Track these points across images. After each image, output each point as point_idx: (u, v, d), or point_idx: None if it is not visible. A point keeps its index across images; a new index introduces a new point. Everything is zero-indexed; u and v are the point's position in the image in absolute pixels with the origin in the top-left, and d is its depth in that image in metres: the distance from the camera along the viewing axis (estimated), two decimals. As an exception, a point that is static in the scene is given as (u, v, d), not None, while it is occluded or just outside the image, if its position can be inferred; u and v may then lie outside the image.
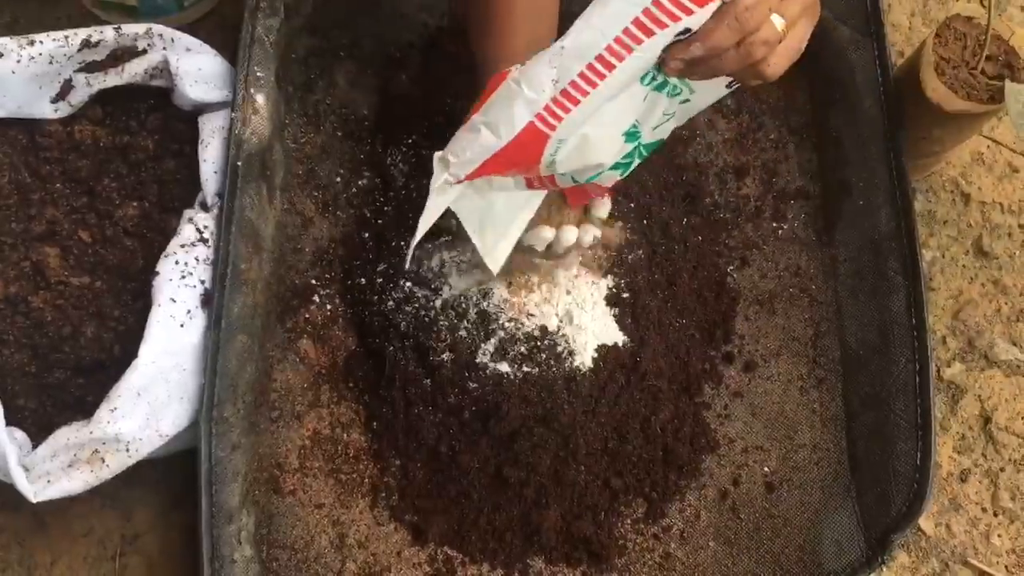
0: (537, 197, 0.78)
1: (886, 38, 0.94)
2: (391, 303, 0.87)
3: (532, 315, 0.83)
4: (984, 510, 0.92)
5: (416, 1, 1.02)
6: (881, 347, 0.90)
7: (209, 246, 0.80)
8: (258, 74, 0.86)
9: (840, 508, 0.88)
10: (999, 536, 0.91)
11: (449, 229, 0.87)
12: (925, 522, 0.92)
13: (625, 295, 0.87)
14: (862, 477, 0.88)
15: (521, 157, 0.65)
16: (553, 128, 0.62)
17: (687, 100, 0.67)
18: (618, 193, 0.89)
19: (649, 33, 0.57)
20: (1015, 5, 1.16)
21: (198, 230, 0.81)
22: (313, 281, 0.91)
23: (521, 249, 0.82)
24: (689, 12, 0.56)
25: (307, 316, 0.90)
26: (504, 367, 0.82)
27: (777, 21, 0.57)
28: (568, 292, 0.84)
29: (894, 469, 0.84)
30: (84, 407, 0.77)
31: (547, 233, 0.82)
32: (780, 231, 0.99)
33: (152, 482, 0.86)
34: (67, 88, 0.83)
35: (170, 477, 0.86)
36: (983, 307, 1.00)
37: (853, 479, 0.89)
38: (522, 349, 0.83)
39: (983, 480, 0.94)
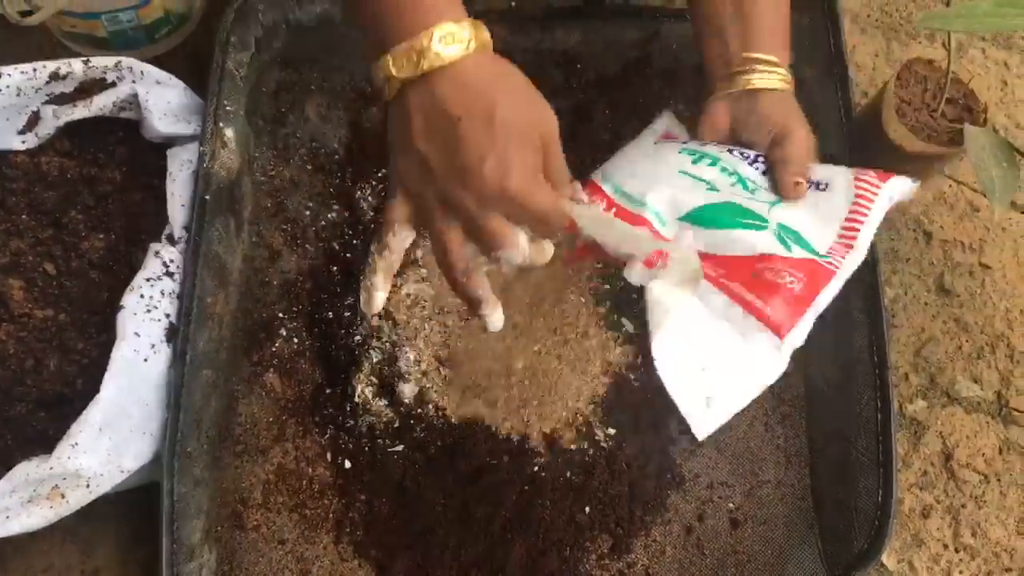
0: None
1: (849, 79, 0.95)
2: (358, 337, 0.87)
3: (499, 351, 0.84)
4: (946, 546, 0.93)
5: (388, 36, 1.03)
6: (844, 384, 0.90)
7: (175, 280, 0.80)
8: (227, 108, 0.87)
9: (803, 544, 0.88)
10: (960, 572, 0.92)
11: (418, 262, 0.87)
12: (887, 559, 0.92)
13: (591, 331, 0.87)
14: (825, 513, 0.89)
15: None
16: None
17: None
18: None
19: None
20: (976, 47, 1.19)
21: (164, 264, 0.80)
22: (280, 314, 0.91)
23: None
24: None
25: (273, 349, 0.90)
26: (470, 402, 0.82)
27: None
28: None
29: (856, 506, 0.84)
30: (46, 441, 0.76)
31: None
32: (746, 267, 1.00)
33: (113, 517, 0.85)
34: (34, 120, 0.83)
35: (131, 512, 0.85)
36: (945, 344, 1.01)
37: (816, 515, 0.90)
38: (488, 385, 0.83)
39: (945, 516, 0.94)
